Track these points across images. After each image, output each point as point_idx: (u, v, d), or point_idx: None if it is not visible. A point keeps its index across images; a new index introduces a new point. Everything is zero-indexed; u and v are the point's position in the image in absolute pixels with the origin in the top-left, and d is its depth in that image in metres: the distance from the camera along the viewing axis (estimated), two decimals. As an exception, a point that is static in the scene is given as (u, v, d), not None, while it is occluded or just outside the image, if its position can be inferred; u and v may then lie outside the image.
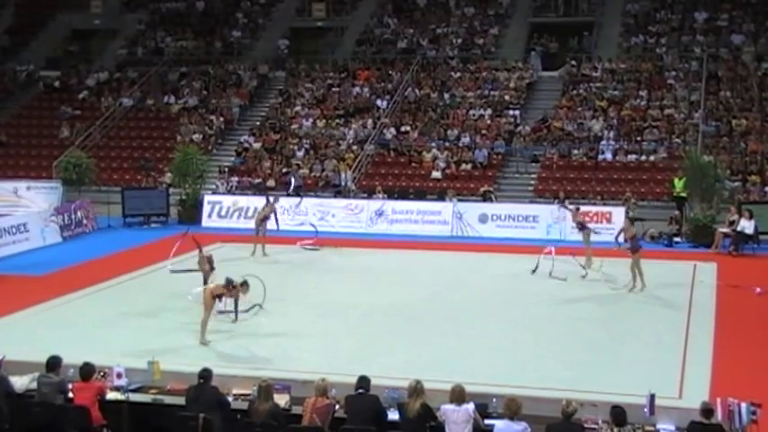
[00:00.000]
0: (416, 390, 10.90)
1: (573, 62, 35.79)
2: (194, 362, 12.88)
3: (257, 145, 33.66)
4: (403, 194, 29.90)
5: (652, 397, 11.32)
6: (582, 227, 22.14)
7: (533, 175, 31.04)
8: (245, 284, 15.86)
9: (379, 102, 34.86)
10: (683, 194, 27.19)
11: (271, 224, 23.77)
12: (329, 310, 17.86)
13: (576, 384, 13.02)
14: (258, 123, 35.47)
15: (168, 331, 16.38)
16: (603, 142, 31.34)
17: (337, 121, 34.30)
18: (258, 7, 42.55)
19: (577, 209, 23.05)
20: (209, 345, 15.38)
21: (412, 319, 17.34)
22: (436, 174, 30.96)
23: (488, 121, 33.18)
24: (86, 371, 11.82)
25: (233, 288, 15.71)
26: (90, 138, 35.06)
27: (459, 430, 10.70)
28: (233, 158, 33.48)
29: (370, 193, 29.77)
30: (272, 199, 24.52)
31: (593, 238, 22.10)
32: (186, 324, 16.85)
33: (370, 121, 33.76)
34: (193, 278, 18.12)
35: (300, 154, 32.77)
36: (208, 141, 34.09)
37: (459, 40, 38.10)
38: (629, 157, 30.72)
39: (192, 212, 28.97)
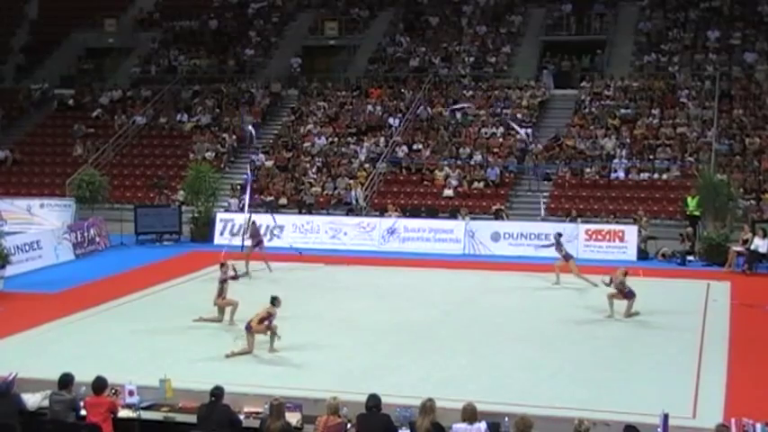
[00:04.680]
0: (428, 408, 10.81)
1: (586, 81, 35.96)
2: (206, 380, 12.89)
3: (269, 163, 33.69)
4: (415, 213, 29.86)
5: (666, 417, 11.22)
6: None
7: (546, 193, 30.83)
8: (276, 300, 16.21)
9: (391, 120, 34.87)
10: (697, 213, 27.05)
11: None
12: (341, 328, 17.91)
13: (589, 403, 13.05)
14: (271, 141, 35.52)
15: (180, 349, 16.43)
16: (616, 160, 31.27)
17: (349, 139, 34.34)
18: (271, 26, 42.75)
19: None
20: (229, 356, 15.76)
21: (424, 337, 17.34)
22: (448, 192, 30.91)
23: (500, 140, 33.14)
24: (98, 385, 11.80)
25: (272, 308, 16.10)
26: (103, 155, 35.16)
27: (471, 450, 10.60)
28: (245, 176, 33.33)
29: (382, 212, 29.73)
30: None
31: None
32: (198, 342, 16.95)
33: (382, 140, 33.78)
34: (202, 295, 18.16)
35: (313, 172, 32.80)
36: (220, 159, 34.14)
37: (472, 59, 38.17)
38: (642, 175, 30.64)
39: (204, 230, 28.94)
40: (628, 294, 18.87)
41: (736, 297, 20.83)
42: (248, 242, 24.19)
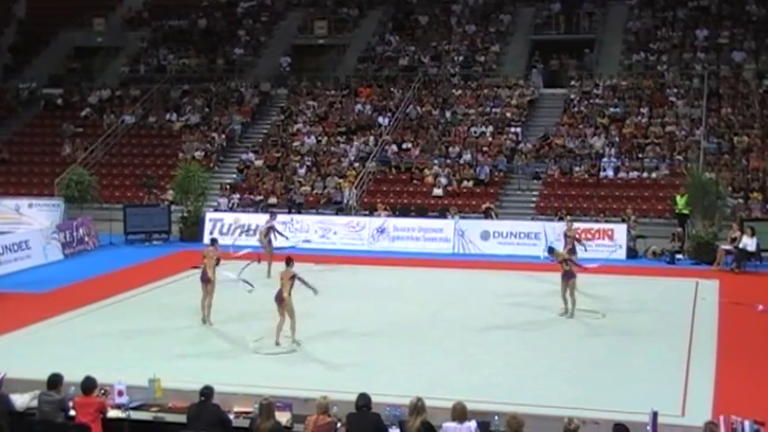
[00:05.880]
0: (418, 407, 10.70)
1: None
2: (196, 379, 12.82)
3: (259, 162, 33.67)
4: (404, 212, 29.84)
5: (655, 415, 11.23)
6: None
7: (535, 192, 31.00)
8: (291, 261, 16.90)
9: (380, 119, 34.86)
10: (685, 211, 27.07)
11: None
12: (330, 328, 17.77)
13: (579, 402, 13.09)
14: (260, 141, 35.50)
15: (170, 348, 16.38)
16: (605, 159, 31.34)
17: (339, 138, 34.32)
18: (260, 25, 42.64)
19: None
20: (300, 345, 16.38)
21: (413, 336, 17.32)
22: (438, 191, 30.92)
23: (490, 139, 33.14)
24: (88, 384, 11.68)
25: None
26: (92, 155, 35.06)
27: (461, 449, 10.59)
28: (235, 175, 33.48)
29: (371, 211, 29.71)
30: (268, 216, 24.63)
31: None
32: (188, 341, 16.94)
33: (371, 139, 33.77)
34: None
35: (302, 171, 32.78)
36: (210, 159, 34.08)
37: (461, 58, 38.15)
38: (631, 174, 30.75)
39: (193, 230, 28.87)
40: (567, 274, 18.78)
41: (724, 295, 20.86)
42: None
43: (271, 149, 34.38)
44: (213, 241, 19.28)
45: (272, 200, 31.14)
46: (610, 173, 30.95)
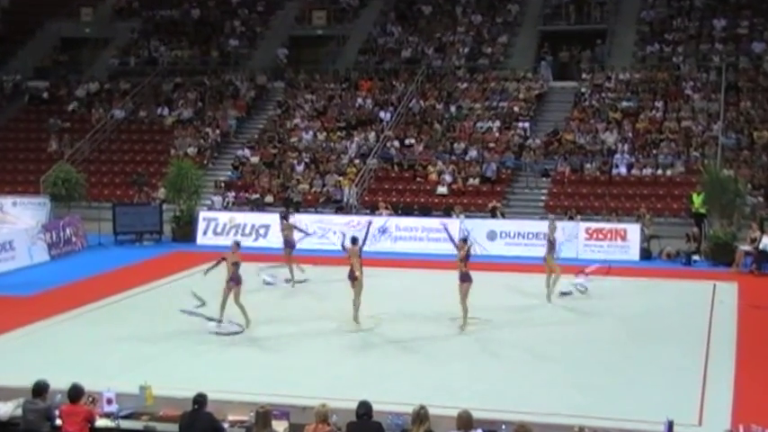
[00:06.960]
0: (421, 416, 10.60)
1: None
2: (188, 386, 12.58)
3: (255, 159, 33.44)
4: (407, 211, 29.60)
5: (670, 424, 11.14)
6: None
7: (544, 191, 30.79)
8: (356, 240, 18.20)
9: (382, 114, 34.63)
10: (702, 211, 26.84)
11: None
12: (330, 333, 17.64)
13: (590, 410, 12.95)
14: (256, 136, 35.30)
15: (161, 354, 16.28)
16: (617, 156, 31.15)
17: (339, 134, 34.07)
18: (256, 15, 42.56)
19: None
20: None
21: (417, 341, 17.15)
22: (442, 189, 30.71)
23: (497, 134, 32.96)
24: (75, 393, 11.59)
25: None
26: (80, 151, 34.88)
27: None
28: (229, 173, 33.25)
29: (372, 210, 29.43)
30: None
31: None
32: (180, 347, 16.80)
33: (372, 134, 33.51)
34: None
35: (300, 168, 32.51)
36: (203, 155, 33.85)
37: (466, 49, 37.90)
38: (645, 171, 30.56)
39: (186, 230, 28.65)
40: (463, 277, 17.94)
41: (743, 298, 20.63)
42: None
43: (267, 145, 34.10)
44: (237, 244, 18.92)
45: (269, 198, 30.90)
46: (622, 170, 30.70)
